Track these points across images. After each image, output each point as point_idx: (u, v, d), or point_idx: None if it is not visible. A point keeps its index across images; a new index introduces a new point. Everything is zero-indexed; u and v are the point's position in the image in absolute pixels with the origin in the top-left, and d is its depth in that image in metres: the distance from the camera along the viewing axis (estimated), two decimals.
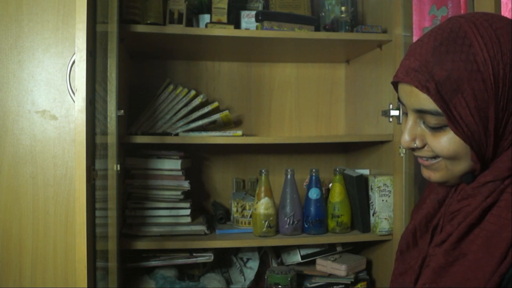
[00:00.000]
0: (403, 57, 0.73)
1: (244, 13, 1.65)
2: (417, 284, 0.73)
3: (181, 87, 1.62)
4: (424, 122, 0.71)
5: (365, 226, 1.56)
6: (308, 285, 1.60)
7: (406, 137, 0.73)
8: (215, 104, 1.64)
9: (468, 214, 0.69)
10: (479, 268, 0.64)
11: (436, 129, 0.69)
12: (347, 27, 1.57)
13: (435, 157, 0.73)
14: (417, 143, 0.73)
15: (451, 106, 0.66)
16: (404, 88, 0.72)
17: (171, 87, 1.62)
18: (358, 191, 1.55)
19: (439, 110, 0.66)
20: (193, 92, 1.61)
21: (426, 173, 0.76)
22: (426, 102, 0.67)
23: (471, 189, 0.70)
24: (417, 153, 0.75)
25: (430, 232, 0.77)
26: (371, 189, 1.55)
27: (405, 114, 0.76)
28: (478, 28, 0.66)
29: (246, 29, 1.62)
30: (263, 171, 1.54)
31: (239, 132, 1.52)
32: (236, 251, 1.67)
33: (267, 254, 1.69)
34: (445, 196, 0.78)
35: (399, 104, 0.80)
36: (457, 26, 0.68)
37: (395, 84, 0.75)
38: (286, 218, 1.53)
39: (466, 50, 0.65)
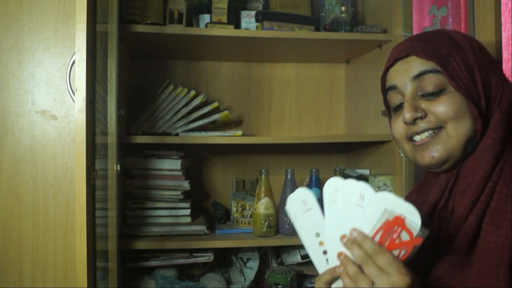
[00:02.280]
0: (389, 55, 0.83)
1: (244, 13, 1.65)
2: (435, 268, 0.74)
3: (181, 87, 1.62)
4: (422, 95, 0.77)
5: None
6: (308, 285, 1.60)
7: (407, 111, 0.77)
8: (215, 104, 1.64)
9: (478, 190, 0.72)
10: (491, 241, 0.68)
11: (435, 94, 0.76)
12: (347, 27, 1.57)
13: (437, 128, 0.76)
14: (420, 113, 0.77)
15: (447, 66, 0.75)
16: (398, 68, 0.80)
17: (171, 87, 1.62)
18: None
19: (437, 68, 0.75)
20: (193, 92, 1.61)
21: (428, 155, 0.77)
22: (424, 65, 0.77)
23: (476, 159, 0.74)
24: (418, 127, 0.77)
25: (436, 215, 0.77)
26: None
27: (394, 111, 0.82)
28: (454, 31, 0.82)
29: (246, 29, 1.62)
30: (263, 171, 1.54)
31: (239, 132, 1.52)
32: (236, 251, 1.67)
33: (267, 254, 1.69)
34: (447, 183, 0.78)
35: (388, 96, 0.83)
36: (435, 30, 0.85)
37: (383, 80, 0.85)
38: (286, 218, 1.53)
39: (445, 36, 0.79)
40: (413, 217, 0.63)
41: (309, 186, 1.58)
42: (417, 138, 0.78)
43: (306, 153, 1.90)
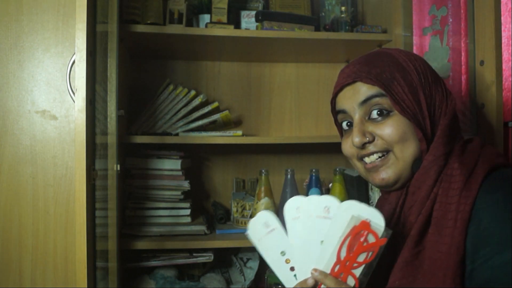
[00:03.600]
0: (336, 80, 0.90)
1: (244, 13, 1.65)
2: (388, 282, 0.76)
3: (181, 87, 1.62)
4: (369, 118, 0.81)
5: None
6: None
7: (356, 135, 0.81)
8: (215, 104, 1.64)
9: (422, 204, 0.76)
10: (437, 250, 0.71)
11: (381, 119, 0.80)
12: (347, 27, 1.57)
13: (386, 151, 0.80)
14: (368, 137, 0.81)
15: (391, 89, 0.78)
16: (345, 93, 0.85)
17: (171, 87, 1.62)
18: (358, 191, 1.55)
19: (383, 92, 0.79)
20: (193, 92, 1.61)
21: (377, 178, 0.82)
22: (370, 90, 0.80)
23: (420, 175, 0.78)
24: (366, 151, 0.81)
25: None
26: (371, 189, 1.55)
27: (344, 131, 0.88)
28: (397, 50, 0.85)
29: (246, 29, 1.62)
30: (263, 171, 1.54)
31: (239, 132, 1.52)
32: (236, 251, 1.67)
33: None
34: (397, 201, 0.82)
35: (337, 118, 0.87)
36: (379, 50, 0.88)
37: (333, 103, 0.91)
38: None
39: (389, 58, 0.82)
40: (377, 219, 0.69)
41: (309, 186, 1.58)
42: (367, 160, 0.83)
43: (306, 153, 1.90)
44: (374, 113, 0.80)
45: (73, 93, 0.98)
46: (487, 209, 0.68)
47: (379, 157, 0.81)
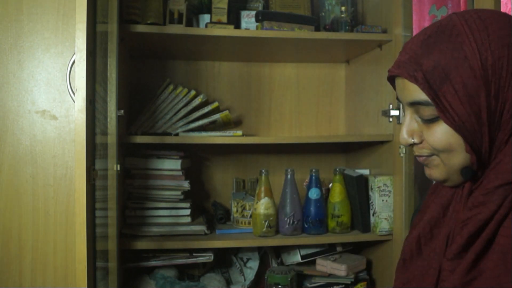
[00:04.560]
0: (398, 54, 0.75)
1: (244, 13, 1.65)
2: None
3: (181, 87, 1.62)
4: (419, 116, 0.71)
5: (365, 226, 1.56)
6: (308, 285, 1.60)
7: (403, 134, 0.73)
8: (215, 104, 1.63)
9: (481, 225, 0.66)
10: (499, 284, 0.62)
11: (430, 121, 0.69)
12: (347, 27, 1.57)
13: (432, 154, 0.72)
14: (415, 139, 0.73)
15: (440, 94, 0.65)
16: (398, 83, 0.72)
17: (171, 87, 1.62)
18: (358, 191, 1.55)
19: (429, 100, 0.66)
20: (193, 92, 1.61)
21: (427, 172, 0.75)
22: (417, 93, 0.68)
23: (481, 196, 0.67)
24: (415, 152, 0.75)
25: (441, 239, 0.74)
26: (371, 189, 1.55)
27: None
28: (466, 20, 0.66)
29: (246, 29, 1.62)
30: (263, 171, 1.54)
31: (239, 132, 1.52)
32: (236, 251, 1.67)
33: (267, 254, 1.69)
34: (450, 200, 0.76)
35: (399, 103, 0.80)
36: (447, 20, 0.69)
37: (392, 82, 0.76)
38: (286, 218, 1.53)
39: (453, 40, 0.66)
40: None
41: (309, 186, 1.58)
42: (416, 152, 0.76)
43: (306, 153, 1.90)
44: (423, 117, 0.70)
45: (73, 93, 0.98)
46: None
47: (426, 156, 0.74)
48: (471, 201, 0.69)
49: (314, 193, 1.56)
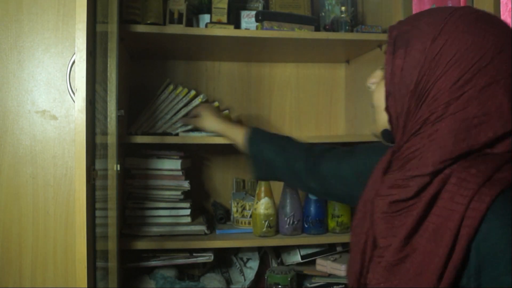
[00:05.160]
0: None
1: (244, 13, 1.65)
2: (369, 280, 0.73)
3: (181, 87, 1.62)
4: None
5: None
6: (308, 285, 1.60)
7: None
8: (215, 104, 1.63)
9: (398, 207, 0.71)
10: (429, 261, 0.65)
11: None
12: (347, 27, 1.57)
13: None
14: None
15: (395, 54, 0.73)
16: None
17: (171, 87, 1.62)
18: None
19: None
20: (193, 92, 1.61)
21: None
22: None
23: (400, 180, 0.72)
24: None
25: (369, 210, 0.78)
26: None
27: None
28: (458, 10, 0.71)
29: (246, 29, 1.62)
30: None
31: None
32: (236, 251, 1.67)
33: (267, 254, 1.69)
34: (381, 173, 0.79)
35: None
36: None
37: None
38: (286, 218, 1.53)
39: (435, 19, 0.72)
40: None
41: None
42: None
43: None
44: None
45: (73, 93, 0.98)
46: (497, 225, 0.61)
47: None
48: (389, 180, 0.74)
49: None
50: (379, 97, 0.78)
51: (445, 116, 0.68)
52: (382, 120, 0.78)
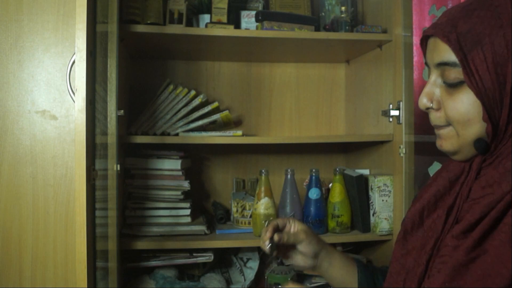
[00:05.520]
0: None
1: (244, 13, 1.65)
2: (433, 280, 0.69)
3: (181, 87, 1.62)
4: (444, 82, 0.72)
5: (365, 226, 1.56)
6: (308, 285, 1.60)
7: (423, 96, 0.74)
8: (215, 104, 1.63)
9: (492, 205, 0.66)
10: (502, 264, 0.62)
11: (454, 86, 0.70)
12: (347, 27, 1.57)
13: (448, 125, 0.73)
14: (433, 104, 0.74)
15: (469, 57, 0.66)
16: (429, 45, 0.74)
17: (171, 87, 1.62)
18: (358, 191, 1.55)
19: (457, 62, 0.68)
20: (193, 92, 1.61)
21: (438, 143, 0.76)
22: (447, 54, 0.69)
23: (498, 174, 0.67)
24: (432, 120, 0.76)
25: (442, 211, 0.74)
26: (371, 189, 1.55)
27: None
28: None
29: (246, 29, 1.62)
30: (263, 171, 1.54)
31: (239, 132, 1.52)
32: (236, 251, 1.67)
33: (267, 254, 1.69)
34: (458, 175, 0.75)
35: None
36: None
37: (424, 48, 0.77)
38: None
39: (493, 9, 0.67)
40: None
41: (309, 186, 1.58)
42: (432, 121, 0.77)
43: (306, 153, 1.90)
44: (448, 80, 0.71)
45: (73, 93, 0.98)
46: None
47: (442, 125, 0.74)
48: (484, 179, 0.70)
49: (314, 193, 1.56)
50: (461, 107, 0.69)
51: None
52: (473, 130, 0.70)
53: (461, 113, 0.70)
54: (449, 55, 0.69)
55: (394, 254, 0.80)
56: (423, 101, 0.74)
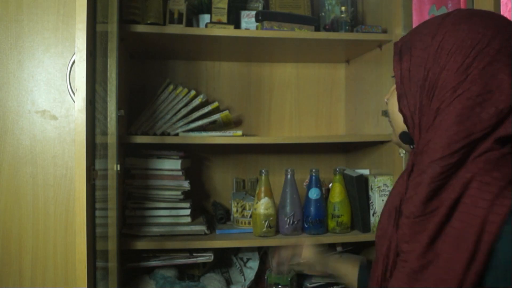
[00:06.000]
0: None
1: (244, 13, 1.65)
2: (391, 286, 0.73)
3: (181, 87, 1.62)
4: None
5: (365, 226, 1.56)
6: (308, 285, 1.60)
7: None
8: (215, 104, 1.63)
9: (416, 208, 0.70)
10: (451, 268, 0.64)
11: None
12: (347, 27, 1.57)
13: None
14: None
15: (402, 60, 0.77)
16: None
17: (171, 87, 1.62)
18: (358, 191, 1.55)
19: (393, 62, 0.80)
20: (193, 92, 1.61)
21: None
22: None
23: (418, 176, 0.71)
24: None
25: (390, 208, 0.80)
26: (371, 189, 1.55)
27: None
28: (451, 14, 0.75)
29: (246, 29, 1.62)
30: (263, 171, 1.54)
31: (239, 132, 1.52)
32: (236, 251, 1.67)
33: (267, 254, 1.69)
34: (400, 192, 0.79)
35: None
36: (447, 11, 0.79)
37: None
38: (286, 218, 1.53)
39: (432, 25, 0.76)
40: None
41: (309, 186, 1.58)
42: None
43: (306, 153, 1.90)
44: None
45: (73, 93, 0.98)
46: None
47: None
48: (411, 180, 0.74)
49: (314, 193, 1.56)
50: (393, 103, 0.81)
51: (452, 100, 0.69)
52: (399, 124, 0.81)
53: (390, 105, 0.84)
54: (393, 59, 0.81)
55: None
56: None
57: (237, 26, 1.62)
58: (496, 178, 0.65)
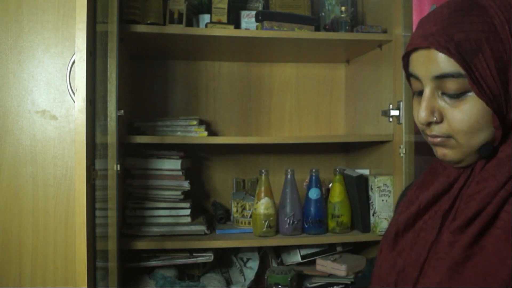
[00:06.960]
0: (414, 31, 0.72)
1: (244, 13, 1.65)
2: (429, 280, 0.68)
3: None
4: (443, 93, 0.68)
5: (365, 226, 1.56)
6: (308, 285, 1.60)
7: (423, 111, 0.70)
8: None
9: (487, 199, 0.65)
10: (501, 261, 0.61)
11: (456, 96, 0.67)
12: (347, 27, 1.57)
13: (448, 136, 0.70)
14: (436, 117, 0.69)
15: (472, 66, 0.64)
16: (419, 58, 0.70)
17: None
18: (358, 191, 1.55)
19: (461, 71, 0.65)
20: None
21: (440, 152, 0.72)
22: (446, 65, 0.66)
23: (493, 167, 0.66)
24: (432, 131, 0.71)
25: (436, 212, 0.73)
26: (371, 189, 1.55)
27: (416, 93, 0.73)
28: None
29: (246, 29, 1.62)
30: (263, 171, 1.54)
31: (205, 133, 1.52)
32: (236, 251, 1.67)
33: (267, 254, 1.69)
34: (456, 178, 0.74)
35: (410, 80, 0.75)
36: None
37: (406, 59, 0.74)
38: (286, 218, 1.53)
39: (481, 14, 0.65)
40: None
41: (309, 186, 1.58)
42: (431, 132, 0.73)
43: (306, 153, 1.90)
44: (449, 91, 0.68)
45: (73, 93, 0.98)
46: None
47: (443, 137, 0.71)
48: (480, 175, 0.68)
49: (314, 193, 1.56)
50: (470, 117, 0.67)
51: None
52: (480, 138, 0.68)
53: (470, 124, 0.67)
54: (449, 66, 0.66)
55: (383, 255, 0.79)
56: (423, 116, 0.70)
57: (237, 26, 1.62)
58: None
